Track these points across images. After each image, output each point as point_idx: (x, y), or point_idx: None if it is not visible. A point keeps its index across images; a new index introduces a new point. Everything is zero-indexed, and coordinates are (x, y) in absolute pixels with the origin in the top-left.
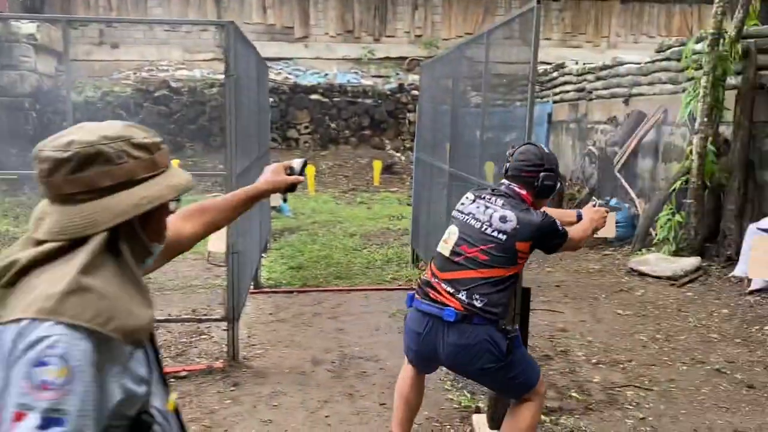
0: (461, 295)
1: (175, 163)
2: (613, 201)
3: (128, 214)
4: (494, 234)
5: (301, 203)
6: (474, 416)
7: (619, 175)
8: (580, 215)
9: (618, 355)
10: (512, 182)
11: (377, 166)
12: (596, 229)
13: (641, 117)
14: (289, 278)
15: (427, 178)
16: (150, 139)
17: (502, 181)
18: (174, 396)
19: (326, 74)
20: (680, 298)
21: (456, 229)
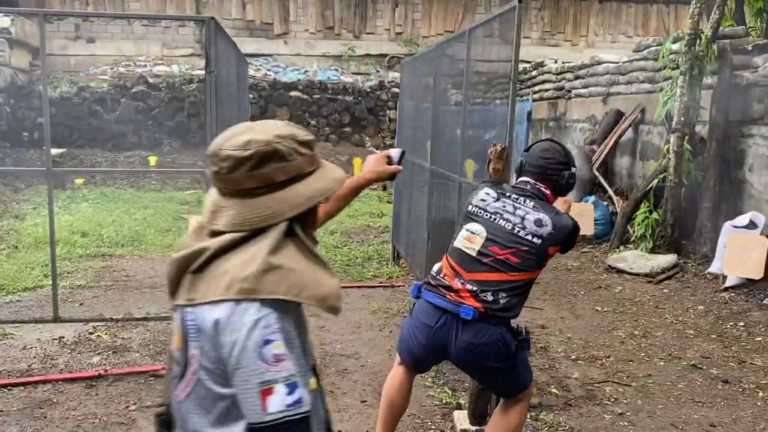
0: (485, 296)
1: (152, 159)
2: (591, 199)
3: (303, 206)
4: (528, 237)
5: None
6: (455, 413)
7: (597, 173)
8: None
9: (596, 352)
10: (537, 181)
11: (357, 163)
12: None
13: (619, 116)
14: None
15: (407, 175)
16: (309, 136)
17: (526, 179)
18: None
19: (306, 71)
20: (657, 295)
21: (482, 229)
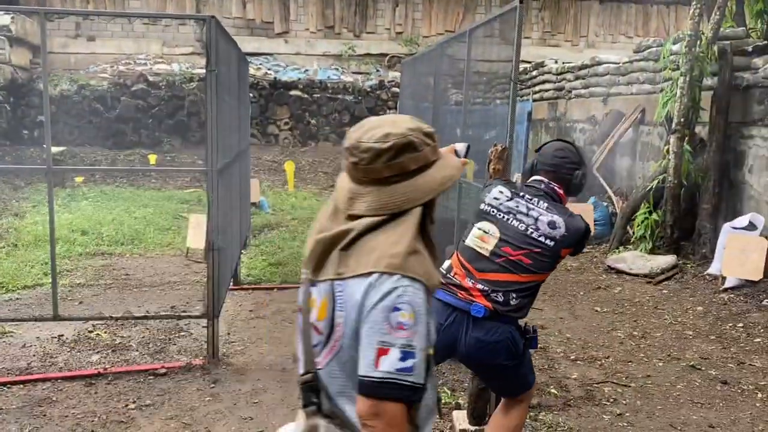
0: (496, 296)
1: (152, 158)
2: (592, 199)
3: (435, 191)
4: (541, 239)
5: (281, 200)
6: (454, 413)
7: (597, 174)
8: None
9: (596, 352)
10: (551, 180)
11: None
12: None
13: (619, 116)
14: (269, 275)
15: None
16: (432, 129)
17: (540, 179)
18: None
19: (306, 70)
20: (656, 296)
21: (495, 229)
